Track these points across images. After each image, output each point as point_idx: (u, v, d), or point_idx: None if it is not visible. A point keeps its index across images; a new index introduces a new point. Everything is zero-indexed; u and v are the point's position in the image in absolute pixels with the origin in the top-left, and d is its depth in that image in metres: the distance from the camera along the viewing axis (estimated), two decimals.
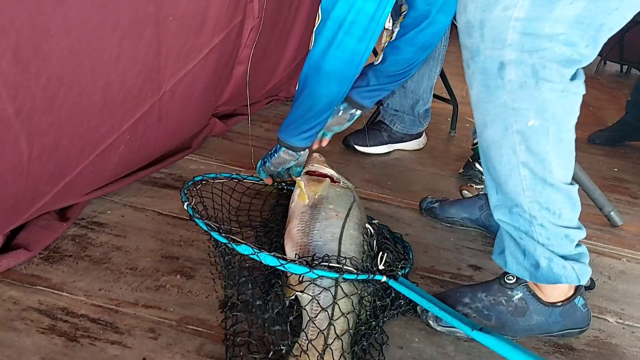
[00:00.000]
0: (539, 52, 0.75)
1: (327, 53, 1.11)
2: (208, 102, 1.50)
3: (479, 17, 0.77)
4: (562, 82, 0.77)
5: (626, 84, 4.22)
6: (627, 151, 2.27)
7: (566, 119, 0.81)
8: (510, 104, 0.79)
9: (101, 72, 0.93)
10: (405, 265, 1.09)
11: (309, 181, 1.20)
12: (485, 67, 0.79)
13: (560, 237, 0.87)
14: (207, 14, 1.22)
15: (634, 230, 1.51)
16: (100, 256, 1.02)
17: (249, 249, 0.93)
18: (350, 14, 1.06)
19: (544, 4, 0.73)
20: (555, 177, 0.84)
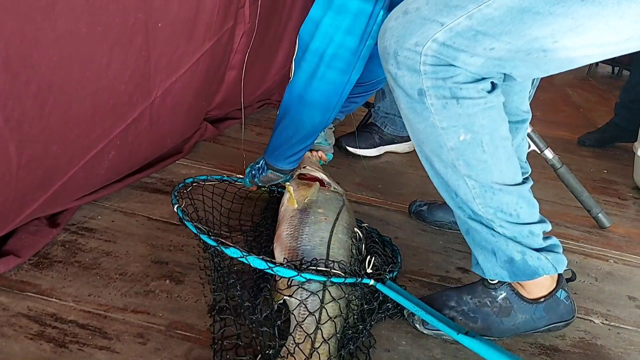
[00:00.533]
0: (452, 78, 0.79)
1: (309, 85, 1.09)
2: (199, 107, 1.51)
3: (393, 47, 0.81)
4: (482, 97, 0.81)
5: (617, 86, 4.24)
6: (616, 153, 2.29)
7: (496, 128, 0.84)
8: (438, 124, 0.83)
9: (91, 79, 0.94)
10: (393, 269, 1.10)
11: (298, 185, 1.21)
12: (407, 92, 0.83)
13: (526, 235, 0.90)
14: (198, 20, 1.23)
15: (621, 232, 1.53)
16: (90, 262, 1.02)
17: (238, 252, 0.94)
18: (330, 47, 1.04)
19: (449, 51, 0.78)
20: (502, 182, 0.87)
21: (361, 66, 1.10)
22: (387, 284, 1.00)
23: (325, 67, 1.07)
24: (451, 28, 0.77)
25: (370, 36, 1.05)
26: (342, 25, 1.03)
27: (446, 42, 0.77)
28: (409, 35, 0.79)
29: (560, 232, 1.46)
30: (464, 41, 0.77)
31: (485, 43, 0.76)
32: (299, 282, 0.93)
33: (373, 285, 0.98)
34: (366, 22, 1.02)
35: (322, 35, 1.04)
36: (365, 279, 0.98)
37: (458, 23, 0.76)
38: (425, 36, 0.78)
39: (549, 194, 1.69)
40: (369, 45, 1.06)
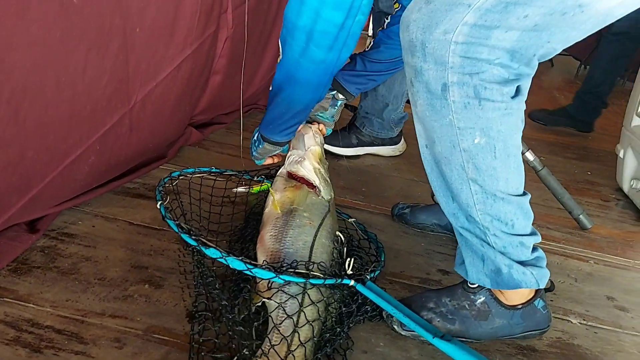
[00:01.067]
0: (479, 75, 0.77)
1: (298, 64, 1.08)
2: (182, 112, 1.51)
3: (420, 38, 0.78)
4: (504, 101, 0.80)
5: None
6: (600, 155, 2.31)
7: (511, 136, 0.83)
8: (456, 123, 0.82)
9: (67, 83, 0.94)
10: (375, 269, 1.10)
11: (286, 186, 1.20)
12: (429, 88, 0.81)
13: (516, 245, 0.90)
14: (177, 25, 1.23)
15: (603, 233, 1.54)
16: (69, 267, 1.02)
17: (217, 252, 0.94)
18: (317, 24, 1.02)
19: (481, 31, 0.75)
20: (505, 191, 0.86)
21: (352, 43, 1.07)
22: (368, 284, 1.00)
23: (314, 45, 1.05)
24: (479, 7, 0.74)
25: (359, 11, 1.02)
26: (328, 0, 1.00)
27: (477, 23, 0.75)
28: (436, 24, 0.76)
29: (542, 234, 1.43)
30: (495, 16, 0.74)
31: (518, 12, 0.73)
32: (279, 284, 0.93)
33: (353, 286, 0.99)
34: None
35: (308, 12, 1.01)
36: (345, 280, 0.98)
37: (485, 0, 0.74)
38: (455, 21, 0.75)
39: (532, 195, 1.69)
40: (358, 21, 1.04)
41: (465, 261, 0.96)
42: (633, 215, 1.71)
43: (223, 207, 1.28)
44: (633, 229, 1.60)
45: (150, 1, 1.12)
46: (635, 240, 1.52)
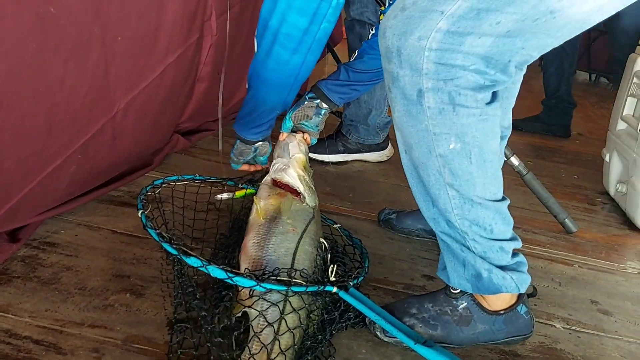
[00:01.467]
0: (454, 81, 0.78)
1: (265, 63, 1.12)
2: (167, 119, 1.51)
3: (396, 44, 0.79)
4: (479, 107, 0.80)
5: (594, 92, 4.33)
6: (587, 158, 2.32)
7: (487, 141, 0.84)
8: (432, 129, 0.82)
9: (44, 94, 0.94)
10: (358, 275, 1.09)
11: (270, 194, 1.19)
12: (406, 93, 0.82)
13: (495, 250, 0.90)
14: (159, 33, 1.24)
15: (588, 237, 1.55)
16: (50, 277, 1.02)
17: (198, 261, 0.93)
18: (283, 26, 1.06)
19: (454, 37, 0.76)
20: (483, 196, 0.87)
21: (318, 49, 1.11)
22: (351, 291, 1.00)
23: (279, 47, 1.09)
24: (452, 13, 0.75)
25: (325, 19, 1.05)
26: (294, 4, 1.04)
27: (450, 29, 0.75)
28: (411, 30, 0.77)
29: (528, 238, 1.47)
30: (468, 22, 0.75)
31: (490, 19, 0.74)
32: (260, 292, 0.93)
33: (336, 292, 0.98)
34: (318, 3, 1.03)
35: (277, 13, 1.05)
36: (327, 287, 0.98)
37: (458, 6, 0.75)
38: (428, 28, 0.76)
39: (518, 200, 1.70)
40: (324, 28, 1.07)
41: (447, 266, 0.97)
42: (618, 218, 1.72)
43: (207, 215, 1.28)
44: (618, 233, 1.61)
45: (131, 10, 1.12)
46: (620, 244, 1.53)
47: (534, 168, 1.86)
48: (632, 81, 1.74)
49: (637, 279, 1.34)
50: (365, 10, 1.72)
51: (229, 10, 1.57)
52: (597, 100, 3.87)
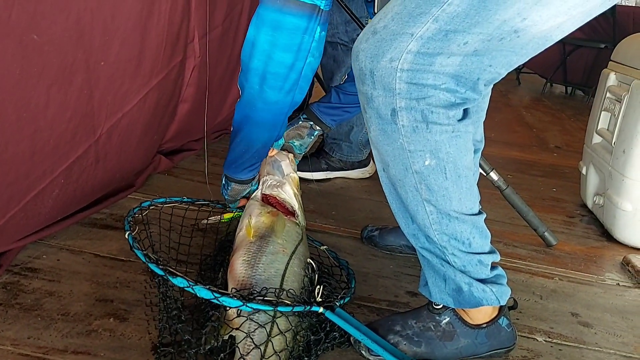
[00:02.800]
0: (426, 99, 0.81)
1: (253, 105, 1.11)
2: (150, 141, 1.51)
3: (369, 66, 0.82)
4: (451, 124, 0.84)
5: (570, 105, 4.42)
6: (565, 171, 2.37)
7: (461, 157, 0.87)
8: (407, 146, 0.85)
9: (28, 120, 0.95)
10: (345, 295, 1.10)
11: (261, 211, 1.18)
12: (380, 113, 0.84)
13: (475, 263, 0.92)
14: (143, 56, 1.25)
15: (568, 249, 1.58)
16: (32, 303, 1.01)
17: (184, 281, 0.93)
18: (269, 65, 1.05)
19: (424, 58, 0.79)
20: (459, 210, 0.89)
21: (305, 84, 1.10)
22: (337, 311, 1.01)
23: (267, 87, 1.08)
24: (422, 35, 0.78)
25: (309, 53, 1.05)
26: (278, 42, 1.03)
27: (420, 50, 0.79)
28: (383, 52, 0.81)
29: (509, 252, 1.50)
30: (437, 43, 0.78)
31: (458, 39, 0.78)
32: (247, 312, 0.93)
33: (322, 313, 0.99)
34: (301, 38, 1.03)
35: (259, 54, 1.04)
36: (314, 307, 0.98)
37: (427, 29, 0.78)
38: (399, 50, 0.79)
39: (498, 214, 1.73)
40: (309, 63, 1.07)
41: (428, 282, 0.98)
42: (597, 230, 1.76)
43: (193, 238, 1.28)
44: (596, 244, 1.65)
45: (115, 35, 1.13)
46: (598, 256, 1.57)
47: (513, 182, 1.90)
48: (605, 96, 1.79)
49: (615, 291, 1.37)
50: (336, 32, 1.76)
51: (212, 31, 1.59)
52: (573, 113, 3.96)
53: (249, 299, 0.94)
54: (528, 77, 5.43)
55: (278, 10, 1.00)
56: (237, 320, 0.93)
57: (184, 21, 1.43)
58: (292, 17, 1.00)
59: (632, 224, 1.61)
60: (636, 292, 1.37)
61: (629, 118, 1.60)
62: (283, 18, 1.01)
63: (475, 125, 1.16)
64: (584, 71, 4.80)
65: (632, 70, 1.67)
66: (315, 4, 1.00)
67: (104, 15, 1.06)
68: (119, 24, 1.11)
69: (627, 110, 1.62)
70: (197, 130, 1.85)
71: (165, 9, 1.28)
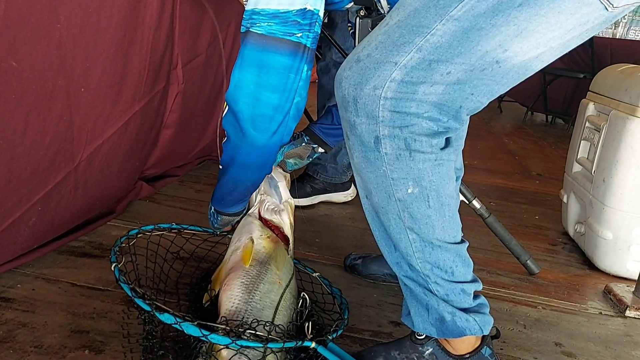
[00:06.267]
0: (409, 128, 0.81)
1: (240, 148, 1.06)
2: (132, 167, 1.50)
3: (352, 94, 0.83)
4: (434, 152, 0.84)
5: (551, 133, 4.49)
6: (547, 199, 2.39)
7: (443, 185, 0.87)
8: (390, 174, 0.85)
9: (4, 147, 0.93)
10: (337, 328, 1.06)
11: (262, 234, 1.15)
12: (363, 140, 0.84)
13: (457, 292, 0.91)
14: (124, 83, 1.24)
15: (550, 278, 1.58)
16: (4, 335, 0.97)
17: (172, 318, 0.90)
18: (257, 107, 1.00)
19: (408, 86, 0.80)
20: (442, 239, 0.89)
21: (292, 125, 1.06)
22: (329, 346, 0.98)
23: (254, 130, 1.03)
24: (405, 64, 0.79)
25: (297, 93, 1.01)
26: (263, 82, 0.98)
27: (404, 79, 0.79)
28: (366, 80, 0.81)
29: (492, 280, 1.49)
30: (420, 72, 0.79)
31: (441, 69, 0.79)
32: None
33: (314, 348, 0.96)
34: (287, 77, 0.99)
35: (245, 96, 1.00)
36: (306, 342, 0.95)
37: (410, 58, 0.79)
38: (383, 78, 0.80)
39: (482, 242, 1.74)
40: (297, 103, 1.03)
41: (411, 311, 0.97)
42: (579, 258, 1.76)
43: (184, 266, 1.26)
44: (578, 272, 1.65)
45: (96, 61, 1.12)
46: (581, 284, 1.57)
47: (496, 209, 1.92)
48: (584, 125, 1.82)
49: (598, 320, 1.37)
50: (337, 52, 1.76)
51: (195, 58, 1.60)
52: (554, 141, 4.03)
53: (238, 332, 0.91)
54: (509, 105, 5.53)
55: (262, 49, 0.97)
56: (225, 353, 0.90)
57: (168, 48, 1.44)
58: (278, 55, 0.97)
59: (612, 252, 1.62)
60: (618, 321, 1.37)
61: (608, 147, 1.63)
62: (268, 57, 0.97)
63: (456, 153, 1.17)
64: (564, 100, 4.90)
65: (610, 100, 1.70)
66: (301, 42, 0.98)
67: (86, 41, 1.06)
68: (101, 51, 1.11)
69: (606, 140, 1.65)
70: (180, 156, 1.84)
71: (149, 36, 1.29)
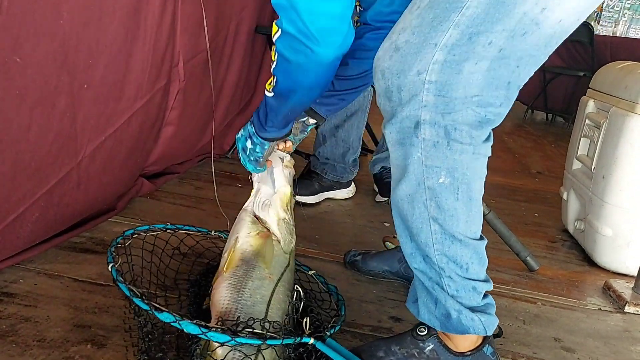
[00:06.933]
0: (452, 115, 0.80)
1: (305, 70, 0.97)
2: (133, 164, 1.50)
3: (396, 83, 0.81)
4: (473, 144, 0.82)
5: (551, 132, 4.50)
6: (547, 196, 2.40)
7: (474, 180, 0.85)
8: (424, 161, 0.84)
9: (9, 142, 0.94)
10: (335, 324, 1.06)
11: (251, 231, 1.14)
12: (403, 126, 0.83)
13: (468, 290, 0.91)
14: (127, 80, 1.25)
15: (550, 274, 1.59)
16: (7, 329, 0.98)
17: (171, 316, 0.91)
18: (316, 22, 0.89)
19: (452, 66, 0.78)
20: (464, 233, 0.88)
21: (352, 33, 0.96)
22: (327, 341, 0.99)
23: (321, 47, 0.92)
24: (445, 44, 0.78)
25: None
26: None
27: (447, 59, 0.78)
28: (409, 67, 0.80)
29: (492, 277, 1.46)
30: (462, 49, 0.77)
31: (482, 40, 0.77)
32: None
33: (312, 344, 0.97)
34: None
35: (305, 14, 0.88)
36: (304, 338, 0.96)
37: (449, 36, 0.78)
38: (426, 62, 0.79)
39: None
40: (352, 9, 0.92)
41: (419, 300, 0.97)
42: (578, 255, 1.77)
43: (180, 264, 1.26)
44: (578, 269, 1.66)
45: (99, 58, 1.13)
46: (580, 280, 1.58)
47: (496, 206, 1.92)
48: (584, 122, 1.83)
49: (597, 315, 1.37)
50: None
51: (197, 55, 1.60)
52: (554, 139, 4.04)
53: (235, 331, 0.92)
54: None
55: None
56: (220, 350, 0.91)
57: (169, 45, 1.44)
58: None
59: (612, 249, 1.63)
60: (617, 317, 1.38)
61: (607, 144, 1.64)
62: None
63: None
64: (564, 98, 4.91)
65: (610, 97, 1.71)
66: None
67: (89, 38, 1.06)
68: (103, 48, 1.12)
69: (605, 137, 1.66)
70: (181, 153, 1.85)
71: (150, 33, 1.29)
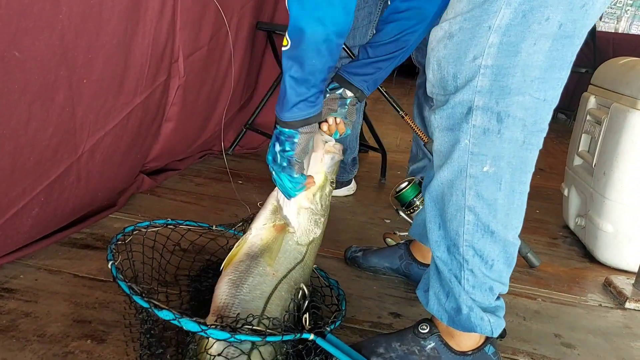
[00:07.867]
0: (506, 100, 0.78)
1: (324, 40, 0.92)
2: (133, 160, 1.50)
3: (452, 71, 0.80)
4: (524, 133, 0.80)
5: (553, 128, 4.47)
6: (549, 193, 2.39)
7: (521, 171, 0.83)
8: (471, 148, 0.81)
9: (8, 137, 0.93)
10: (335, 319, 1.06)
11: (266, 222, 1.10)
12: (454, 112, 0.81)
13: (485, 288, 0.90)
14: (126, 75, 1.24)
15: (550, 271, 1.59)
16: (7, 324, 0.98)
17: (170, 314, 0.91)
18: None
19: (509, 48, 0.76)
20: (499, 227, 0.85)
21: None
22: (328, 337, 0.98)
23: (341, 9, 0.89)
24: (499, 25, 0.76)
25: None
26: None
27: (502, 40, 0.76)
28: (465, 53, 0.78)
29: None
30: (517, 28, 0.75)
31: (538, 16, 0.74)
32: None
33: (313, 340, 0.96)
34: None
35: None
36: (305, 334, 0.95)
37: (502, 16, 0.75)
38: (481, 46, 0.77)
39: None
40: None
41: (430, 290, 0.96)
42: (579, 251, 1.77)
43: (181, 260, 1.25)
44: (579, 266, 1.66)
45: (99, 53, 1.13)
46: (581, 277, 1.57)
47: None
48: (585, 119, 1.82)
49: (597, 312, 1.37)
50: None
51: (197, 51, 1.60)
52: (556, 136, 4.02)
53: (235, 328, 0.91)
54: None
55: None
56: (216, 346, 0.90)
57: (169, 41, 1.44)
58: None
59: (613, 245, 1.63)
60: (618, 313, 1.37)
61: (608, 140, 1.63)
62: None
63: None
64: (566, 95, 4.82)
65: (611, 93, 1.70)
66: None
67: (89, 33, 1.06)
68: (103, 42, 1.11)
69: (606, 133, 1.65)
70: (181, 149, 1.85)
71: (150, 28, 1.29)
